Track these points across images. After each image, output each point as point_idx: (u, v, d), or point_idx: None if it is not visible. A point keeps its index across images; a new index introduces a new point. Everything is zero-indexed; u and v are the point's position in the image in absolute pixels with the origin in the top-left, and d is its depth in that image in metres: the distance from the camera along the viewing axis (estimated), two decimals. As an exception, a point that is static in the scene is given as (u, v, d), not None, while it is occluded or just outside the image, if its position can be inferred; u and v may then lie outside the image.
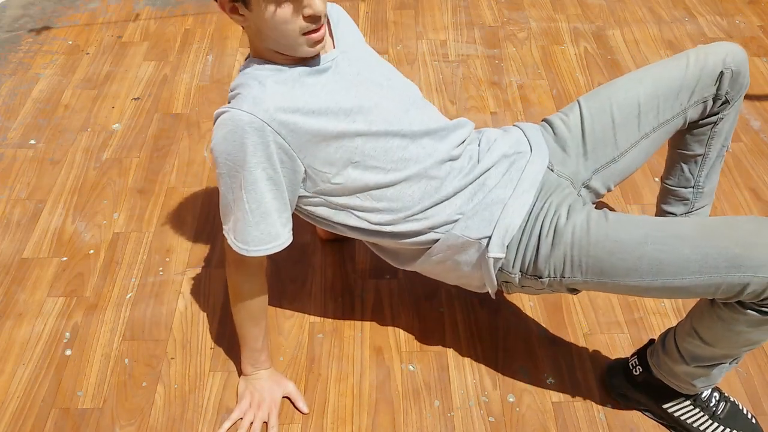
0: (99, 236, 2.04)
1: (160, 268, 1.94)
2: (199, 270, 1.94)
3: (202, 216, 2.10)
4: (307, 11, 1.27)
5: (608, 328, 1.77)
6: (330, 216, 1.48)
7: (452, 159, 1.47)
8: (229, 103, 1.37)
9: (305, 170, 1.39)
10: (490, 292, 1.52)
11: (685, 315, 1.80)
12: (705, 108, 1.60)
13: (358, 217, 1.46)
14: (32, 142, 2.37)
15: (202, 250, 2.00)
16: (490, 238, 1.43)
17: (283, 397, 1.63)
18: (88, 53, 2.78)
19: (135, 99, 2.55)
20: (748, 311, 1.24)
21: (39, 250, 2.00)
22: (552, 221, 1.41)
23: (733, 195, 2.14)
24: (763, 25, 2.87)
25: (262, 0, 1.25)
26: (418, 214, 1.45)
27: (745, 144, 2.31)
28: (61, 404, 1.64)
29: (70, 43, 2.84)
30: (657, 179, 2.18)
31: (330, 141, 1.37)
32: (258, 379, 1.61)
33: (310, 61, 1.39)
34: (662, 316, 1.80)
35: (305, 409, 1.61)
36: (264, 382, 1.61)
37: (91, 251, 1.99)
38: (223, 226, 1.44)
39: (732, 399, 1.53)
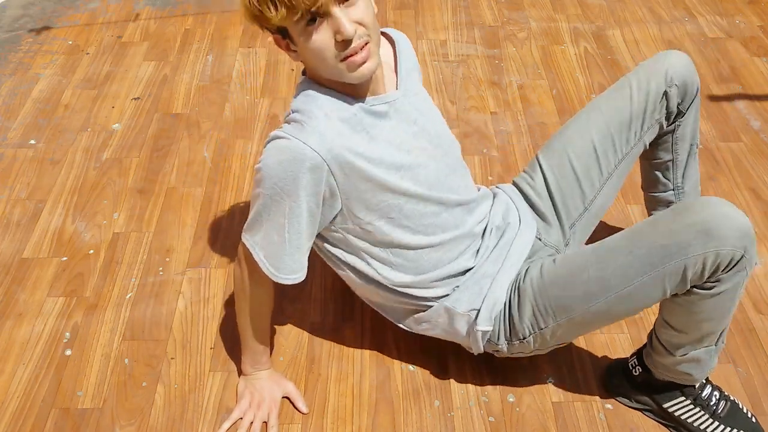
0: (99, 236, 2.04)
1: (160, 268, 1.95)
2: (199, 270, 1.94)
3: (202, 216, 2.10)
4: (338, 37, 1.24)
5: (608, 328, 1.77)
6: (342, 255, 1.49)
7: (473, 235, 1.50)
8: (287, 123, 1.34)
9: (342, 209, 1.39)
10: (474, 353, 1.56)
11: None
12: (661, 126, 1.62)
13: (368, 263, 1.47)
14: (32, 142, 2.37)
15: (202, 250, 2.00)
16: (478, 311, 1.47)
17: (283, 397, 1.63)
18: (88, 53, 2.78)
19: (135, 99, 2.55)
20: (696, 290, 1.30)
21: (39, 250, 2.00)
22: (515, 285, 1.46)
23: (733, 195, 2.13)
24: (763, 25, 2.87)
25: (297, 33, 1.26)
26: (425, 282, 1.48)
27: (745, 144, 2.31)
28: (61, 404, 1.64)
29: (70, 43, 2.84)
30: (657, 179, 2.18)
31: (376, 192, 1.37)
32: (258, 379, 1.61)
33: (370, 95, 1.37)
34: (662, 316, 1.80)
35: (305, 410, 1.61)
36: (264, 382, 1.61)
37: (91, 251, 1.99)
38: (246, 235, 1.42)
39: (732, 398, 1.53)
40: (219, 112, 2.49)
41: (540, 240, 1.58)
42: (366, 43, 1.25)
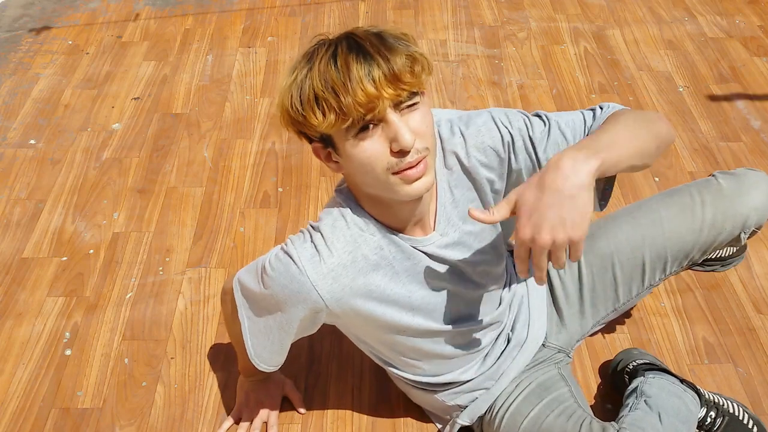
0: (99, 236, 2.04)
1: (160, 268, 1.95)
2: (199, 270, 1.94)
3: (202, 216, 2.10)
4: (394, 146, 1.07)
5: (608, 328, 1.76)
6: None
7: (481, 351, 1.45)
8: (310, 237, 1.20)
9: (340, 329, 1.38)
10: None
11: (685, 316, 1.81)
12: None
13: (368, 353, 1.46)
14: (32, 142, 2.37)
15: (202, 250, 2.00)
16: (464, 408, 1.47)
17: (283, 397, 1.63)
18: (88, 53, 2.78)
19: (135, 99, 2.55)
20: None
21: (39, 250, 2.00)
22: (493, 409, 1.45)
23: (733, 195, 2.13)
24: (763, 25, 2.87)
25: (343, 142, 1.09)
26: (421, 381, 1.45)
27: (745, 144, 2.31)
28: (61, 404, 1.64)
29: (70, 43, 2.84)
30: (657, 179, 2.18)
31: (379, 330, 1.31)
32: (258, 380, 1.61)
33: (409, 225, 1.23)
34: (662, 316, 1.80)
35: (302, 410, 1.61)
36: (263, 383, 1.61)
37: (91, 251, 1.99)
38: (238, 292, 1.31)
39: (730, 411, 1.49)
40: (219, 112, 2.49)
41: (544, 345, 1.51)
42: (423, 157, 1.10)
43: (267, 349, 1.31)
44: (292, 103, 1.09)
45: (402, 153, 1.08)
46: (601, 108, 1.29)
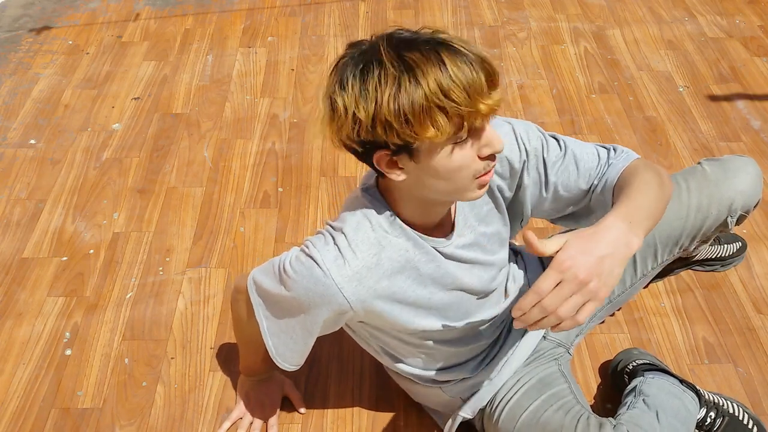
0: (99, 236, 2.04)
1: (160, 268, 1.95)
2: (199, 270, 1.94)
3: (202, 216, 2.10)
4: (486, 150, 1.08)
5: (608, 328, 1.77)
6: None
7: (487, 341, 1.45)
8: (332, 238, 1.18)
9: (356, 327, 1.38)
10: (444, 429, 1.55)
11: (685, 316, 1.81)
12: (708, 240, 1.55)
13: (373, 349, 1.45)
14: (32, 141, 2.37)
15: (202, 250, 2.00)
16: (465, 400, 1.47)
17: (283, 397, 1.63)
18: (88, 53, 2.78)
19: (135, 99, 2.55)
20: None
21: (39, 250, 2.00)
22: (494, 400, 1.46)
23: (733, 195, 2.13)
24: (763, 25, 2.87)
25: (437, 148, 1.06)
26: (425, 376, 1.45)
27: (745, 144, 2.31)
28: (61, 404, 1.64)
29: (70, 43, 2.84)
30: (657, 179, 2.18)
31: (391, 329, 1.32)
32: (258, 380, 1.61)
33: (436, 224, 1.24)
34: (662, 316, 1.80)
35: (302, 410, 1.61)
36: (263, 383, 1.61)
37: (91, 251, 1.99)
38: (254, 292, 1.29)
39: (730, 411, 1.49)
40: (219, 112, 2.49)
41: (545, 338, 1.52)
42: None
43: (290, 348, 1.30)
44: (400, 112, 1.01)
45: (492, 157, 1.10)
46: (615, 150, 1.29)
